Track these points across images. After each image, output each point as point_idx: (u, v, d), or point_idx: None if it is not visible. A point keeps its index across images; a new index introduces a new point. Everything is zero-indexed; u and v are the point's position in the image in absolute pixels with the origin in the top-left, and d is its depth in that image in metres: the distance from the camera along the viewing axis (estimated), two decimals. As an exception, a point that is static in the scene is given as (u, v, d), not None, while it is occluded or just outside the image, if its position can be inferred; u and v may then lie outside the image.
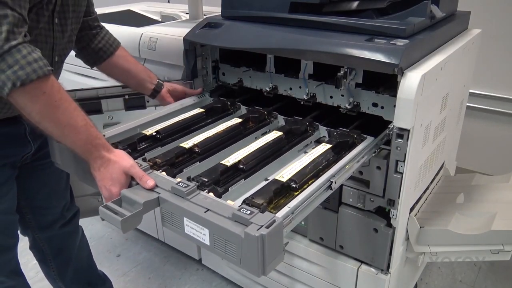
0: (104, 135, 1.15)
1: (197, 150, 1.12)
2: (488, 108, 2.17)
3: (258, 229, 0.75)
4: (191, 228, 0.84)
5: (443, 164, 1.62)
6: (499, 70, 2.09)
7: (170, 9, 2.20)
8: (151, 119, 1.30)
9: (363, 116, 1.28)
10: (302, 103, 1.37)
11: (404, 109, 1.07)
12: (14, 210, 1.18)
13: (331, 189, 0.97)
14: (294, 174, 0.97)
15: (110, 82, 1.75)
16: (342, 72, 1.18)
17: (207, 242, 0.82)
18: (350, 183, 1.27)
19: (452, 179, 1.66)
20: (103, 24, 1.88)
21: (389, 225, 1.25)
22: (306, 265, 1.46)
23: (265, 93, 1.45)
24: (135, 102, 1.44)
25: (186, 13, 1.99)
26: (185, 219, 0.85)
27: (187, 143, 1.13)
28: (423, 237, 1.31)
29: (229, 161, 1.03)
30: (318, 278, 1.45)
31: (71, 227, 1.39)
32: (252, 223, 0.77)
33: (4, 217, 1.16)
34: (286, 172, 0.98)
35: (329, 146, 1.12)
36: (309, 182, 0.96)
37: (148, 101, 1.46)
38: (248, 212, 0.79)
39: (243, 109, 1.44)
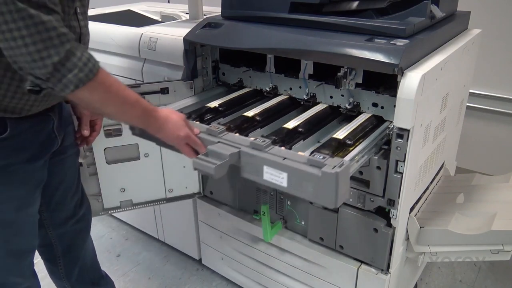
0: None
1: (258, 118, 1.30)
2: (488, 108, 2.17)
3: (332, 168, 0.91)
4: (270, 174, 1.00)
5: (443, 164, 1.62)
6: (499, 70, 2.09)
7: (170, 9, 2.20)
8: (197, 101, 1.46)
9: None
10: (302, 103, 1.38)
11: (404, 109, 1.07)
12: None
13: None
14: (348, 133, 1.15)
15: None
16: (342, 72, 1.19)
17: (285, 184, 0.98)
18: (350, 183, 1.27)
19: (452, 179, 1.66)
20: (104, 24, 1.88)
21: (389, 225, 1.25)
22: (306, 265, 1.46)
23: (265, 93, 1.45)
24: (135, 102, 1.44)
25: (186, 13, 1.99)
26: (264, 167, 1.01)
27: (249, 113, 1.32)
28: (423, 237, 1.31)
29: (290, 125, 1.22)
30: (318, 278, 1.45)
31: (83, 223, 1.39)
32: (326, 164, 0.93)
33: (35, 218, 1.17)
34: (340, 132, 1.16)
35: (369, 114, 1.27)
36: (360, 140, 1.14)
37: (148, 101, 1.46)
38: (321, 157, 0.96)
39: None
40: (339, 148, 1.11)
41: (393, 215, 1.22)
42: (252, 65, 1.47)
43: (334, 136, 1.14)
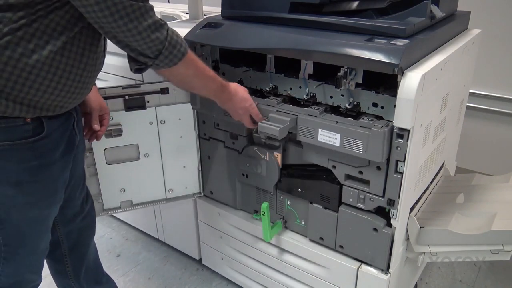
0: None
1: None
2: (488, 108, 2.17)
3: (381, 127, 1.12)
4: (324, 136, 1.20)
5: (443, 164, 1.62)
6: (499, 70, 2.09)
7: (170, 9, 2.20)
8: None
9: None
10: (302, 103, 1.37)
11: (404, 109, 1.07)
12: None
13: None
14: None
15: (110, 82, 1.76)
16: (342, 72, 1.18)
17: (338, 144, 1.18)
18: (350, 183, 1.27)
19: (452, 179, 1.66)
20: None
21: (389, 225, 1.25)
22: (306, 265, 1.46)
23: (265, 93, 1.45)
24: (135, 102, 1.45)
25: (186, 13, 1.99)
26: (320, 130, 1.20)
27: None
28: (423, 237, 1.31)
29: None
30: (318, 278, 1.45)
31: (89, 220, 1.40)
32: (374, 125, 1.13)
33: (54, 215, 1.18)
34: None
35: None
36: None
37: (148, 102, 1.46)
38: (370, 119, 1.17)
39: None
40: (378, 117, 1.22)
41: (393, 215, 1.22)
42: (252, 65, 1.47)
43: None
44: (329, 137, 1.18)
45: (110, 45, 1.73)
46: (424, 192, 1.44)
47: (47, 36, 0.93)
